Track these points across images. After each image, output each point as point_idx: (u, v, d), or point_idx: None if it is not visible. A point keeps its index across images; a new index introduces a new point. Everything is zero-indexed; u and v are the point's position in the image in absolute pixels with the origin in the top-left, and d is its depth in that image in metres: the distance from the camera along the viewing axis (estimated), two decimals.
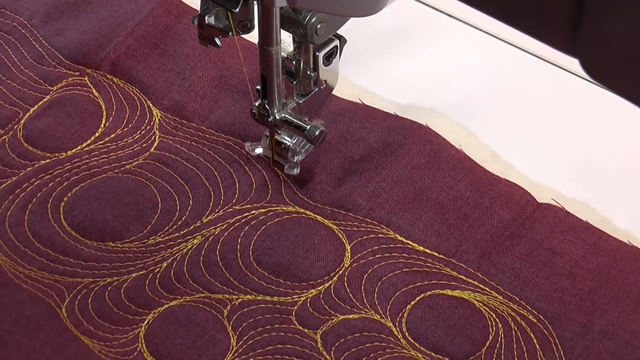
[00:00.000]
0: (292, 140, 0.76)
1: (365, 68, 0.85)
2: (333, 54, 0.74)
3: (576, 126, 0.81)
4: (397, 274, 0.72)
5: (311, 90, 0.74)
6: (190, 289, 0.71)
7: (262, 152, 0.78)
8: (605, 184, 0.77)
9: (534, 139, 0.80)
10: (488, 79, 0.85)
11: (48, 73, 0.83)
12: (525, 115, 0.82)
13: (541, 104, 0.83)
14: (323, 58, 0.73)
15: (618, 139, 0.80)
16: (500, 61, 0.87)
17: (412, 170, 0.76)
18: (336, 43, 0.73)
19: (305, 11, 0.68)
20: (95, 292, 0.70)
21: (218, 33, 0.69)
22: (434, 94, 0.83)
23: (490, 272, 0.72)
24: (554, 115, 0.82)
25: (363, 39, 0.84)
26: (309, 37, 0.69)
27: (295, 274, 0.71)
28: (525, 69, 0.86)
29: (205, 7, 0.68)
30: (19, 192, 0.75)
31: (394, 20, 0.86)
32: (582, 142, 0.80)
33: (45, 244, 0.73)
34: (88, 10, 0.86)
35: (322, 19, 0.69)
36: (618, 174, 0.78)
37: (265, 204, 0.75)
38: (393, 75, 0.85)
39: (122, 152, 0.78)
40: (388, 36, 0.88)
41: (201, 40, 0.70)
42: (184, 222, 0.74)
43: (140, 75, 0.82)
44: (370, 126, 0.79)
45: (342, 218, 0.74)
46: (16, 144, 0.78)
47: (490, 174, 0.76)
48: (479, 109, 0.83)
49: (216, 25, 0.69)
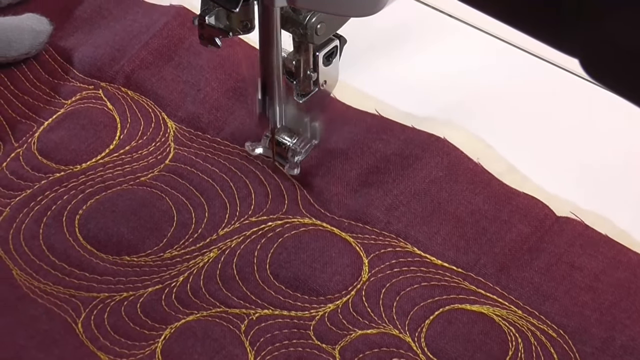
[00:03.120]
0: (292, 140, 0.76)
1: (365, 68, 0.85)
2: (333, 54, 0.74)
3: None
4: (416, 288, 0.71)
5: (311, 90, 0.74)
6: (207, 304, 0.70)
7: (262, 151, 0.77)
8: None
9: (536, 139, 0.80)
10: (488, 79, 0.85)
11: (62, 87, 0.82)
12: (526, 116, 0.82)
13: (543, 106, 0.83)
14: (323, 58, 0.73)
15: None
16: (500, 61, 0.86)
17: (429, 183, 0.75)
18: (336, 43, 0.73)
19: (305, 11, 0.68)
20: (111, 307, 0.70)
21: (218, 33, 0.69)
22: (434, 93, 0.84)
23: (509, 286, 0.71)
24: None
25: (363, 39, 0.84)
26: (309, 37, 0.69)
27: (313, 288, 0.71)
28: (525, 69, 0.86)
29: (205, 7, 0.68)
30: (33, 205, 0.75)
31: (394, 20, 0.85)
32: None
33: (61, 257, 0.72)
34: (102, 25, 0.86)
35: (322, 19, 0.68)
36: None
37: (282, 215, 0.75)
38: (393, 75, 0.85)
39: (137, 164, 0.77)
40: (388, 36, 0.88)
41: (201, 41, 0.70)
42: (200, 234, 0.74)
43: (155, 87, 0.82)
44: (387, 138, 0.78)
45: (359, 231, 0.74)
46: (30, 157, 0.78)
47: (508, 187, 0.76)
48: (478, 109, 0.83)
49: (216, 25, 0.69)
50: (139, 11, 0.86)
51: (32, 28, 0.82)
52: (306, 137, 0.77)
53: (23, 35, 0.82)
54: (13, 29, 0.81)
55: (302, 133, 0.74)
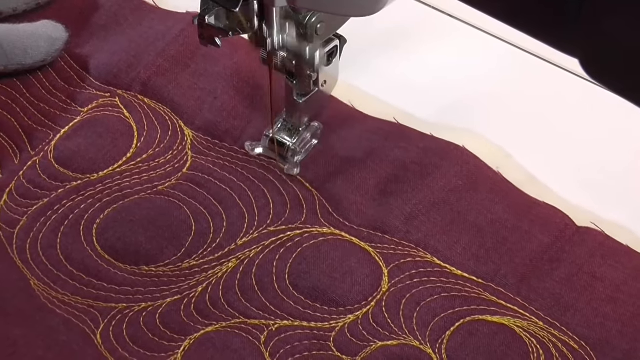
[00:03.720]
0: (292, 140, 0.76)
1: (365, 68, 0.85)
2: (333, 53, 0.73)
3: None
4: (436, 298, 0.71)
5: (311, 90, 0.74)
6: (226, 314, 0.70)
7: (262, 151, 0.77)
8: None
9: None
10: (488, 79, 0.85)
11: (78, 95, 0.82)
12: (529, 118, 0.82)
13: (546, 108, 0.83)
14: (323, 58, 0.73)
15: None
16: (500, 61, 0.86)
17: (449, 193, 0.75)
18: (336, 43, 0.73)
19: (305, 11, 0.68)
20: (130, 317, 0.69)
21: (218, 33, 0.68)
22: (434, 93, 0.84)
23: (530, 297, 0.71)
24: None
25: (363, 39, 0.84)
26: (309, 37, 0.69)
27: (333, 299, 0.70)
28: (525, 69, 0.86)
29: (205, 7, 0.68)
30: (50, 214, 0.74)
31: (394, 20, 0.85)
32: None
33: (79, 267, 0.72)
34: (118, 32, 0.85)
35: (322, 18, 0.68)
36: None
37: (301, 225, 0.74)
38: (393, 75, 0.85)
39: (155, 172, 0.77)
40: (388, 36, 0.88)
41: (201, 40, 0.69)
42: (219, 244, 0.73)
43: (171, 94, 0.81)
44: (405, 146, 0.78)
45: (378, 241, 0.73)
46: (47, 165, 0.77)
47: (528, 196, 0.75)
48: (478, 109, 0.83)
49: (216, 25, 0.68)
50: (154, 18, 0.86)
51: (49, 35, 0.82)
52: (306, 137, 0.77)
53: (39, 43, 0.81)
54: (29, 36, 0.81)
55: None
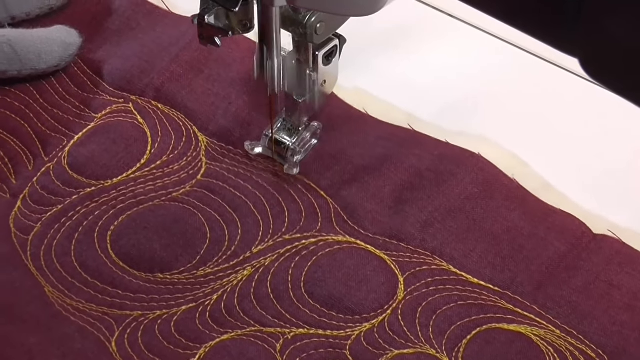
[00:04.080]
0: (292, 139, 0.76)
1: (364, 67, 0.85)
2: (333, 53, 0.73)
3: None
4: (452, 307, 0.70)
5: (311, 89, 0.74)
6: (241, 322, 0.70)
7: (261, 151, 0.77)
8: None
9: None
10: (487, 79, 0.85)
11: (92, 100, 0.82)
12: (529, 117, 0.82)
13: (544, 106, 0.83)
14: (323, 57, 0.73)
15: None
16: (500, 61, 0.86)
17: (465, 200, 0.75)
18: (336, 42, 0.73)
19: (305, 11, 0.68)
20: (145, 325, 0.69)
21: (218, 32, 0.68)
22: (434, 93, 0.83)
23: (547, 305, 0.70)
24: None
25: (363, 39, 0.84)
26: (309, 37, 0.69)
27: (349, 307, 0.70)
28: (525, 69, 0.86)
29: (205, 7, 0.68)
30: (64, 220, 0.74)
31: (393, 20, 0.85)
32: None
33: (93, 274, 0.72)
34: (131, 37, 0.85)
35: (321, 18, 0.68)
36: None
37: (316, 233, 0.74)
38: (392, 75, 0.85)
39: (169, 179, 0.77)
40: (388, 36, 0.88)
41: (201, 40, 0.69)
42: (234, 252, 0.73)
43: (185, 100, 0.81)
44: (420, 153, 0.77)
45: (394, 248, 0.73)
46: (61, 172, 0.77)
47: (545, 204, 0.75)
48: (478, 109, 0.83)
49: (216, 25, 0.68)
50: (168, 23, 0.85)
51: (62, 40, 0.82)
52: (306, 137, 0.77)
53: (53, 48, 0.81)
54: (43, 41, 0.81)
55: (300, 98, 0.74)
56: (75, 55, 0.83)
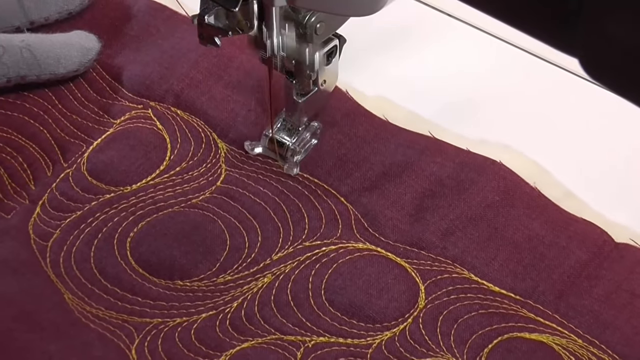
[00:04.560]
0: (292, 139, 0.76)
1: (364, 67, 0.85)
2: (333, 53, 0.73)
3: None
4: (473, 315, 0.70)
5: (311, 89, 0.74)
6: (261, 330, 0.69)
7: (261, 151, 0.77)
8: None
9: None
10: (487, 79, 0.85)
11: (111, 106, 0.81)
12: (525, 117, 0.82)
13: (545, 106, 0.83)
14: (323, 57, 0.72)
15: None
16: (500, 61, 0.86)
17: (486, 208, 0.74)
18: (336, 42, 0.73)
19: (305, 10, 0.68)
20: (165, 332, 0.69)
21: (218, 32, 0.68)
22: (433, 94, 0.83)
23: (569, 314, 0.70)
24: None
25: (363, 39, 0.84)
26: (309, 37, 0.69)
27: (369, 315, 0.70)
28: (525, 68, 0.86)
29: (204, 7, 0.68)
30: (84, 227, 0.74)
31: (393, 20, 0.85)
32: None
33: (113, 281, 0.71)
34: (150, 43, 0.85)
35: (321, 18, 0.68)
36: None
37: (336, 240, 0.74)
38: (392, 75, 0.85)
39: (188, 185, 0.76)
40: (387, 36, 0.88)
41: (201, 40, 0.69)
42: (254, 259, 0.73)
43: (205, 107, 0.80)
44: (441, 161, 0.77)
45: (414, 256, 0.73)
46: (80, 178, 0.77)
47: (566, 212, 0.75)
48: (478, 109, 0.83)
49: (216, 25, 0.68)
50: (187, 29, 0.85)
51: (81, 45, 0.81)
52: (305, 137, 0.77)
53: (72, 52, 0.81)
54: (62, 45, 0.81)
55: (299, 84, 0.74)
56: (94, 61, 0.82)
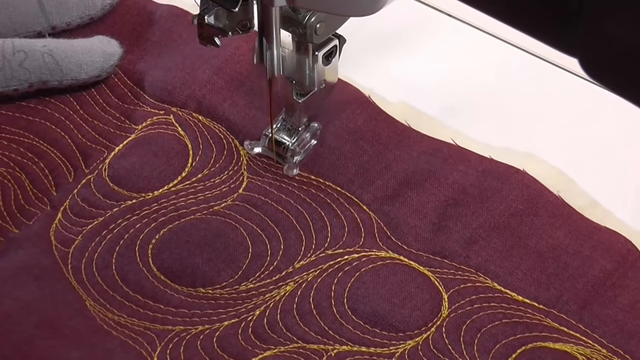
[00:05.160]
0: (291, 140, 0.76)
1: (364, 67, 0.85)
2: (332, 53, 0.73)
3: None
4: (497, 324, 0.69)
5: (310, 90, 0.74)
6: (284, 339, 0.69)
7: (260, 151, 0.77)
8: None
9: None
10: (487, 79, 0.85)
11: (132, 112, 0.81)
12: (523, 117, 0.83)
13: (545, 106, 0.83)
14: (322, 57, 0.72)
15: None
16: (500, 61, 0.86)
17: (509, 217, 0.74)
18: (335, 42, 0.73)
19: (305, 11, 0.68)
20: (187, 340, 0.69)
21: (218, 32, 0.68)
22: (433, 94, 0.83)
23: (593, 324, 0.69)
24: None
25: (362, 39, 0.84)
26: (309, 37, 0.69)
27: (392, 324, 0.69)
28: (526, 68, 0.86)
29: (204, 7, 0.68)
30: (105, 233, 0.74)
31: (393, 19, 0.85)
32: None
33: (134, 288, 0.71)
34: (172, 48, 0.85)
35: (321, 18, 0.68)
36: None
37: (358, 249, 0.73)
38: (392, 75, 0.85)
39: (210, 192, 0.76)
40: (387, 36, 0.88)
41: (201, 40, 0.69)
42: (276, 267, 0.72)
43: (227, 113, 0.80)
44: (464, 169, 0.76)
45: (437, 265, 0.72)
46: (102, 184, 0.77)
47: (590, 221, 0.74)
48: (478, 109, 0.83)
49: (216, 25, 0.68)
50: None
51: (103, 50, 0.81)
52: (305, 137, 0.77)
53: (94, 58, 0.81)
54: (84, 51, 0.80)
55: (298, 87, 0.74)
56: (116, 66, 0.82)
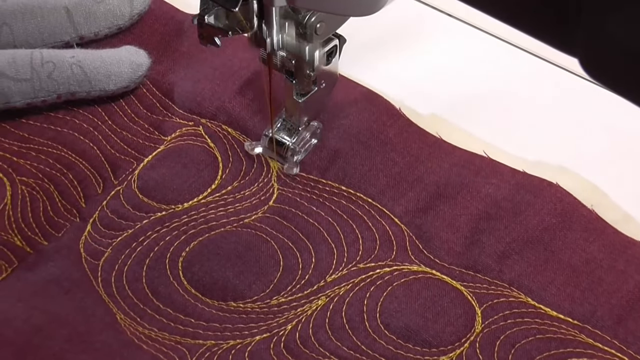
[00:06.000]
0: (292, 139, 0.75)
1: (364, 67, 0.85)
2: (333, 53, 0.73)
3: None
4: (531, 340, 0.69)
5: (310, 89, 0.74)
6: (316, 354, 0.68)
7: (261, 151, 0.77)
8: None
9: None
10: (487, 79, 0.85)
11: (161, 123, 0.81)
12: (524, 117, 0.83)
13: (545, 107, 0.83)
14: (323, 57, 0.72)
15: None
16: (500, 61, 0.86)
17: (543, 231, 0.73)
18: (335, 42, 0.73)
19: (305, 10, 0.68)
20: (218, 355, 0.68)
21: (218, 32, 0.68)
22: (433, 94, 0.83)
23: (628, 339, 0.69)
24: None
25: (363, 39, 0.84)
26: (309, 37, 0.68)
27: (425, 339, 0.69)
28: (526, 68, 0.85)
29: (204, 7, 0.67)
30: (135, 245, 0.73)
31: (393, 20, 0.85)
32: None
33: (165, 302, 0.71)
34: (201, 59, 0.84)
35: (321, 18, 0.68)
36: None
37: (390, 262, 0.73)
38: (392, 75, 0.85)
39: (240, 205, 0.76)
40: (387, 36, 0.87)
41: (201, 40, 0.69)
42: (307, 281, 0.72)
43: (257, 127, 0.80)
44: (497, 182, 0.76)
45: (470, 280, 0.72)
46: (131, 195, 0.76)
47: (624, 235, 0.74)
48: (478, 109, 0.83)
49: (216, 25, 0.68)
50: (238, 45, 0.84)
51: (131, 61, 0.81)
52: (305, 137, 0.76)
53: (122, 69, 0.80)
54: (112, 61, 0.80)
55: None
56: (144, 77, 0.82)
